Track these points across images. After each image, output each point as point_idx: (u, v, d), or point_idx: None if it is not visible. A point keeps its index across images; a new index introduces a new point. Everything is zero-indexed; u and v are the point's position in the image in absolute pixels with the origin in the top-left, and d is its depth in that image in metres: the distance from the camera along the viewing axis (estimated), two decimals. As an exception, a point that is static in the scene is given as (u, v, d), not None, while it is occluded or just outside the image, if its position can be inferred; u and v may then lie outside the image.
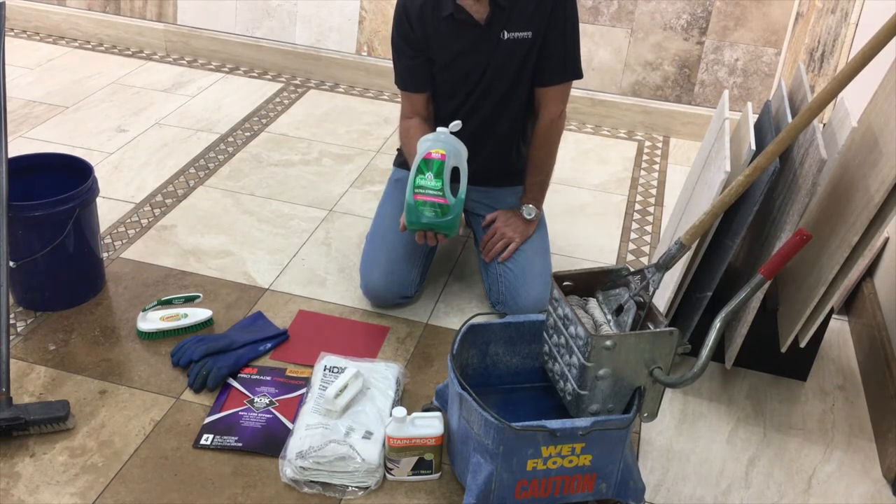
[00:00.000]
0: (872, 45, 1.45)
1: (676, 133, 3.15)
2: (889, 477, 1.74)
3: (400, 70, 2.08)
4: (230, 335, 1.97)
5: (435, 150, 1.88)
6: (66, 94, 3.16)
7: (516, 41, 1.95)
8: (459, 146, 1.93)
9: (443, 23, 1.95)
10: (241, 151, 2.85)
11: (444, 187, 1.88)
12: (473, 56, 1.98)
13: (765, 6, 2.91)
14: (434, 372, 1.94)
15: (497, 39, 1.95)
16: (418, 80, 2.07)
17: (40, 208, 1.90)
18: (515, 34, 1.94)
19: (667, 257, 1.59)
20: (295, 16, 3.39)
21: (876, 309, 2.05)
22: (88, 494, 1.59)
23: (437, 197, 1.88)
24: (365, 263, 2.12)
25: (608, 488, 1.57)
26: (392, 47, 2.06)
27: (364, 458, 1.61)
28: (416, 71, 2.05)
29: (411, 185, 1.90)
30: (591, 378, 1.48)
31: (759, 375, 2.01)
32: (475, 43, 1.96)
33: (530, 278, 2.04)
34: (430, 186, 1.88)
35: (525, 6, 1.92)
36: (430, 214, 1.89)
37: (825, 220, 1.80)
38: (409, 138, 2.08)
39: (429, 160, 1.88)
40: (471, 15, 1.92)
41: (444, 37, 1.97)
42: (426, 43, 1.99)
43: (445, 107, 2.10)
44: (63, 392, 1.82)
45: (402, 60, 2.05)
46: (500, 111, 2.07)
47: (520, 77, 2.01)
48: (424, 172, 1.88)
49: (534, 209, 2.10)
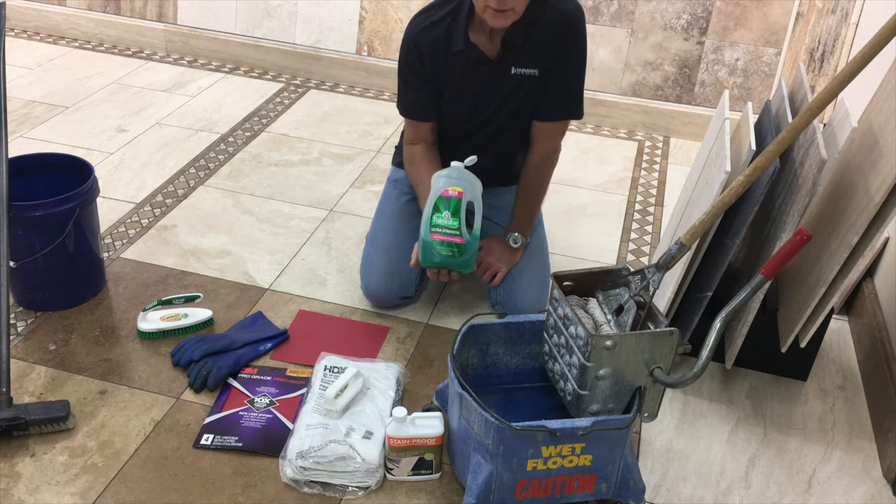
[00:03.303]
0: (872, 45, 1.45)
1: (676, 133, 3.15)
2: (889, 477, 1.74)
3: (406, 100, 2.05)
4: (230, 335, 1.97)
5: (452, 188, 1.85)
6: (66, 94, 3.16)
7: (523, 77, 1.94)
8: (474, 181, 1.91)
9: (453, 57, 1.94)
10: (242, 151, 2.85)
11: (460, 226, 1.85)
12: (482, 90, 1.98)
13: (765, 6, 2.91)
14: (434, 372, 1.94)
15: (507, 74, 1.94)
16: (425, 111, 2.04)
17: (40, 208, 1.90)
18: (523, 70, 1.93)
19: (667, 257, 1.59)
20: (295, 16, 3.39)
21: (876, 309, 2.05)
22: (88, 494, 1.59)
23: (453, 236, 1.85)
24: (365, 265, 2.12)
25: (608, 488, 1.57)
26: (398, 76, 2.04)
27: (364, 458, 1.61)
28: (423, 102, 2.03)
29: (427, 224, 1.86)
30: (591, 378, 1.48)
31: (759, 375, 2.01)
32: (486, 77, 1.96)
33: (528, 280, 2.05)
34: (446, 225, 1.85)
35: (536, 45, 1.91)
36: (446, 254, 1.86)
37: (825, 220, 1.80)
38: (414, 165, 2.07)
39: (446, 198, 1.85)
40: (482, 52, 1.92)
41: (454, 71, 1.96)
42: (436, 76, 1.98)
43: (449, 135, 2.08)
44: (63, 392, 1.82)
45: (410, 92, 2.03)
46: (503, 132, 2.06)
47: (523, 107, 2.01)
48: (441, 211, 1.84)
49: (520, 238, 2.07)
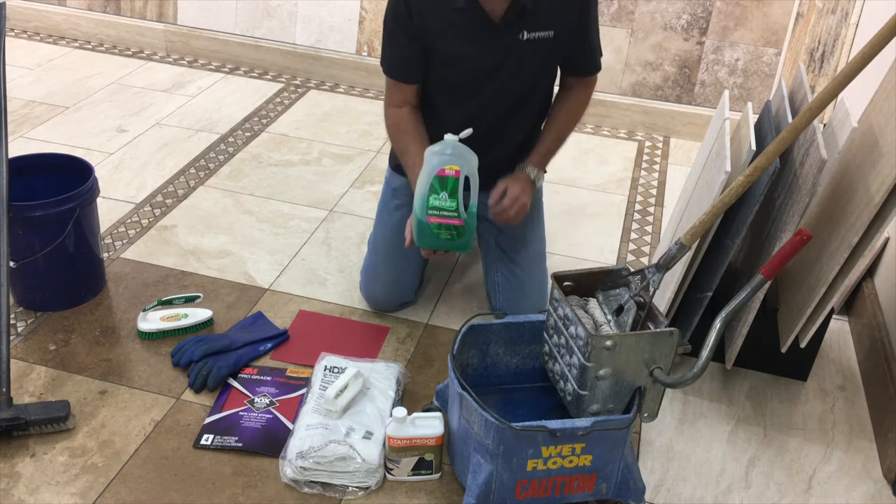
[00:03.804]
0: (872, 45, 1.45)
1: (677, 133, 3.15)
2: (889, 477, 1.74)
3: (391, 56, 1.87)
4: (230, 335, 1.97)
5: (449, 167, 1.73)
6: (66, 94, 3.15)
7: (537, 41, 1.79)
8: (470, 156, 1.76)
9: (450, 15, 1.76)
10: (242, 151, 2.85)
11: (458, 207, 1.74)
12: (481, 56, 1.81)
13: (765, 6, 2.91)
14: (434, 372, 1.94)
15: (514, 40, 1.78)
16: (411, 71, 1.86)
17: (40, 208, 1.90)
18: (537, 34, 1.78)
19: (667, 257, 1.59)
20: (295, 16, 3.39)
21: (876, 309, 2.05)
22: (89, 494, 1.59)
23: (452, 219, 1.74)
24: (366, 275, 2.10)
25: (608, 488, 1.57)
26: (384, 30, 1.86)
27: (364, 459, 1.61)
28: (409, 60, 1.85)
29: (423, 204, 1.74)
30: (591, 378, 1.48)
31: (759, 375, 2.01)
32: (485, 42, 1.79)
33: (528, 289, 2.04)
34: (445, 207, 1.74)
35: (550, 4, 1.76)
36: (445, 237, 1.77)
37: (825, 220, 1.80)
38: (400, 132, 1.91)
39: (443, 178, 1.72)
40: (485, 11, 1.74)
41: (449, 31, 1.79)
42: (425, 34, 1.80)
43: (452, 112, 1.90)
44: (63, 392, 1.82)
45: (395, 47, 1.85)
46: (513, 116, 1.91)
47: (540, 78, 1.87)
48: (438, 192, 1.72)
49: (540, 174, 1.90)
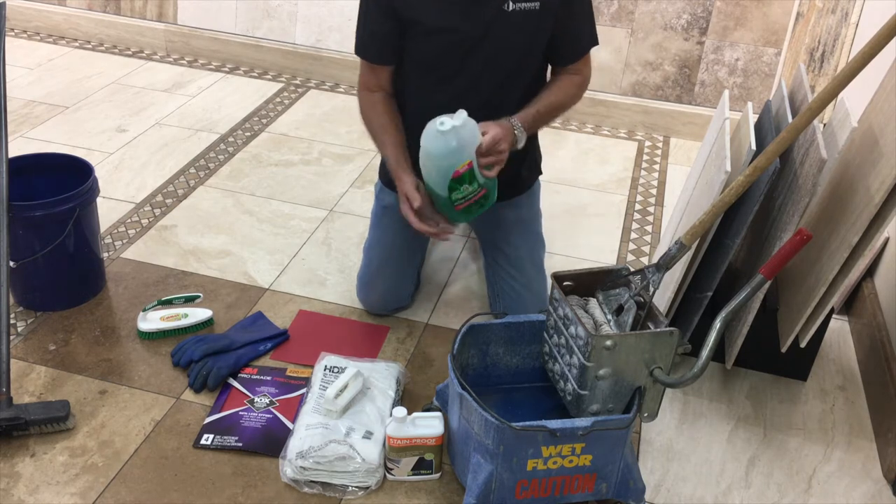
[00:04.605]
0: (872, 45, 1.45)
1: (677, 133, 3.15)
2: (889, 477, 1.74)
3: (363, 36, 1.83)
4: (230, 335, 1.97)
5: (461, 165, 1.70)
6: (66, 94, 3.15)
7: (523, 12, 1.72)
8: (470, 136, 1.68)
9: None
10: (242, 151, 2.85)
11: (478, 183, 1.73)
12: (465, 26, 1.73)
13: (765, 6, 2.91)
14: (434, 372, 1.94)
15: (498, 9, 1.71)
16: (382, 51, 1.82)
17: (40, 208, 1.90)
18: (522, 5, 1.71)
19: (667, 257, 1.59)
20: (295, 16, 3.39)
21: (876, 309, 2.05)
22: (88, 494, 1.59)
23: (477, 195, 1.75)
24: (363, 283, 2.09)
25: (608, 488, 1.57)
26: (359, 10, 1.82)
27: (364, 458, 1.61)
28: (382, 40, 1.80)
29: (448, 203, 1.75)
30: (591, 378, 1.48)
31: (759, 375, 2.01)
32: (468, 10, 1.71)
33: (528, 301, 2.02)
34: (468, 193, 1.75)
35: None
36: (477, 211, 1.79)
37: (825, 220, 1.80)
38: (376, 115, 1.87)
39: (459, 177, 1.71)
40: None
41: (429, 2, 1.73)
42: (404, 5, 1.73)
43: (438, 93, 1.81)
44: (63, 392, 1.82)
45: (368, 25, 1.80)
46: (501, 98, 1.82)
47: (527, 56, 1.80)
48: (459, 187, 1.72)
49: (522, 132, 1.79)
